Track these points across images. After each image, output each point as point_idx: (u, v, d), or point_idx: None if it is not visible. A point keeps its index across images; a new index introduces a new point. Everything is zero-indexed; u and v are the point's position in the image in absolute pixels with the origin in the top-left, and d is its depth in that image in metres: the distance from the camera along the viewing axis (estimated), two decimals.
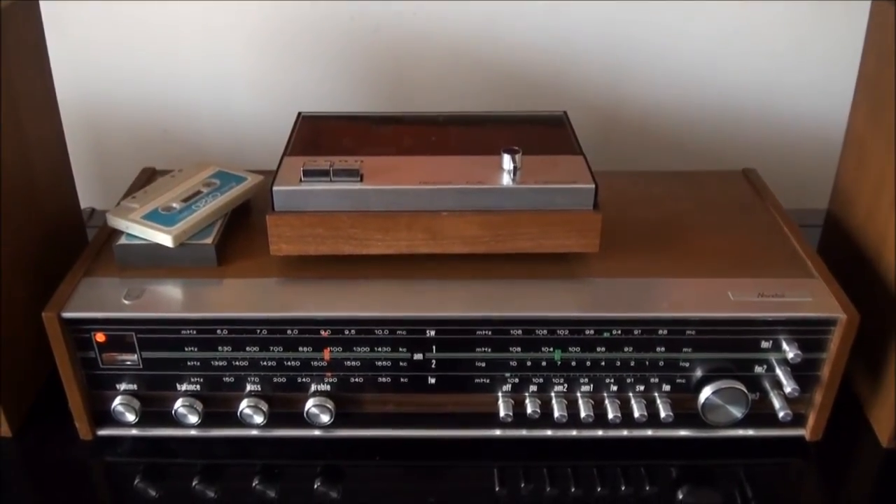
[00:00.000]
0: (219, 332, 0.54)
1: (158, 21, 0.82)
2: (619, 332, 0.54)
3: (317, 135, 0.63)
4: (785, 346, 0.55)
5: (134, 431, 0.58)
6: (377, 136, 0.64)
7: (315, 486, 0.56)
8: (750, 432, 0.58)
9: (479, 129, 0.65)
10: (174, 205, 0.60)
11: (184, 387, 0.56)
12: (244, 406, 0.55)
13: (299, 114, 0.66)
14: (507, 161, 0.56)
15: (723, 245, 0.61)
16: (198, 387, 0.56)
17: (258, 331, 0.54)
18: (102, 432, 0.58)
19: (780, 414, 0.56)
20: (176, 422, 0.56)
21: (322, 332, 0.54)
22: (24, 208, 0.59)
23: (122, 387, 0.56)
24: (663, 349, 0.55)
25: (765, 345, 0.55)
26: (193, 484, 0.56)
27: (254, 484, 0.56)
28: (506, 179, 0.56)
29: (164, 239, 0.57)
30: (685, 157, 0.87)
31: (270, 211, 0.55)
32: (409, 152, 0.60)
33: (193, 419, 0.56)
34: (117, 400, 0.56)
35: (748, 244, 0.62)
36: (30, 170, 0.60)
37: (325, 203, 0.55)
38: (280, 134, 0.64)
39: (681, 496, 0.56)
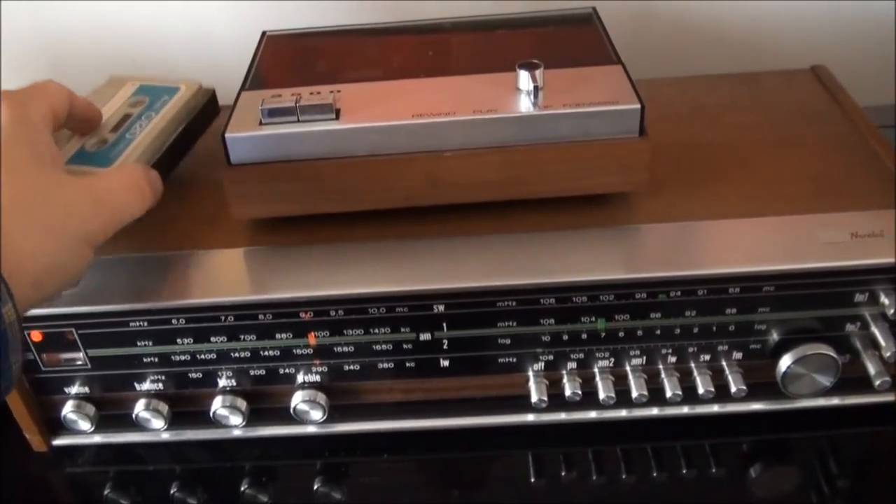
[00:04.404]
0: (174, 322, 0.40)
1: None
2: (679, 293, 0.40)
3: (285, 59, 0.47)
4: (883, 298, 0.40)
5: (96, 439, 0.45)
6: (360, 55, 0.48)
7: (315, 487, 0.44)
8: (835, 401, 0.44)
9: (487, 39, 0.49)
10: (106, 135, 0.43)
11: (144, 386, 0.43)
12: (217, 406, 0.42)
13: (263, 33, 0.50)
14: (524, 79, 0.40)
15: (799, 168, 0.45)
16: (160, 385, 0.43)
17: (222, 318, 0.40)
18: (58, 442, 0.45)
19: (877, 382, 0.41)
20: (140, 427, 0.44)
21: (302, 315, 0.40)
22: None
23: (73, 390, 0.43)
24: (734, 311, 0.41)
25: (859, 298, 0.41)
26: (172, 491, 0.44)
27: (243, 488, 0.44)
28: (524, 104, 0.40)
29: None
30: (734, 54, 0.70)
31: (226, 164, 0.41)
32: (400, 75, 0.44)
33: (158, 423, 0.43)
34: (67, 407, 0.43)
35: (830, 165, 0.45)
36: None
37: (293, 150, 0.40)
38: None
39: (753, 475, 0.43)
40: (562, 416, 0.44)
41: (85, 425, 0.43)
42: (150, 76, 0.49)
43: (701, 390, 0.42)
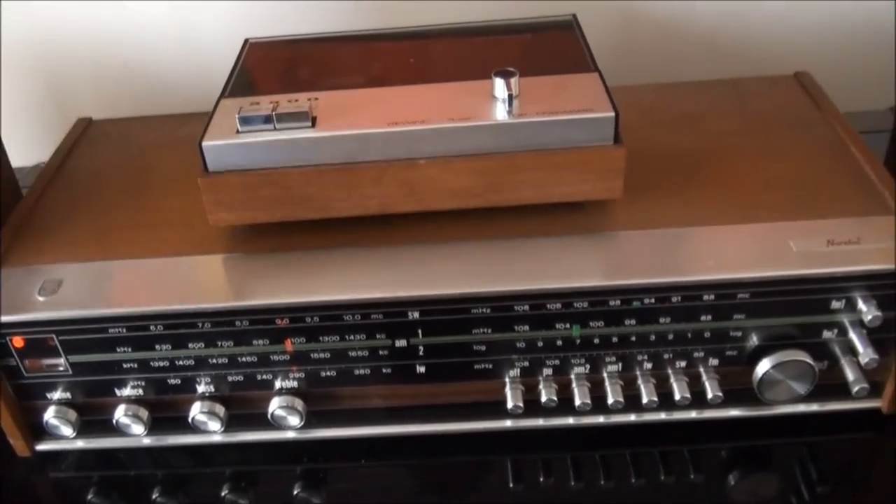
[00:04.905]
0: (152, 328, 0.40)
1: None
2: (654, 300, 0.40)
3: (266, 67, 0.48)
4: (861, 304, 0.40)
5: (79, 444, 0.45)
6: (341, 63, 0.48)
7: (295, 492, 0.44)
8: (814, 407, 0.44)
9: (467, 46, 0.49)
10: None
11: (124, 392, 0.43)
12: (196, 412, 0.42)
13: (246, 41, 0.50)
14: (499, 87, 0.40)
15: (778, 175, 0.45)
16: (140, 391, 0.43)
17: (199, 324, 0.40)
18: (42, 447, 0.45)
19: (855, 388, 0.41)
20: (120, 432, 0.44)
21: (278, 322, 0.41)
22: None
23: (55, 396, 0.43)
24: (709, 317, 0.40)
25: (836, 305, 0.41)
26: (154, 496, 0.44)
27: (223, 493, 0.44)
28: (500, 112, 0.40)
29: None
30: (719, 61, 0.69)
31: (202, 172, 0.41)
32: (379, 83, 0.44)
33: (138, 429, 0.43)
34: (49, 412, 0.43)
35: (809, 172, 0.45)
36: None
37: (270, 158, 0.40)
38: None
39: (732, 481, 0.43)
40: (539, 422, 0.44)
41: (67, 430, 0.43)
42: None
43: (677, 396, 0.42)
